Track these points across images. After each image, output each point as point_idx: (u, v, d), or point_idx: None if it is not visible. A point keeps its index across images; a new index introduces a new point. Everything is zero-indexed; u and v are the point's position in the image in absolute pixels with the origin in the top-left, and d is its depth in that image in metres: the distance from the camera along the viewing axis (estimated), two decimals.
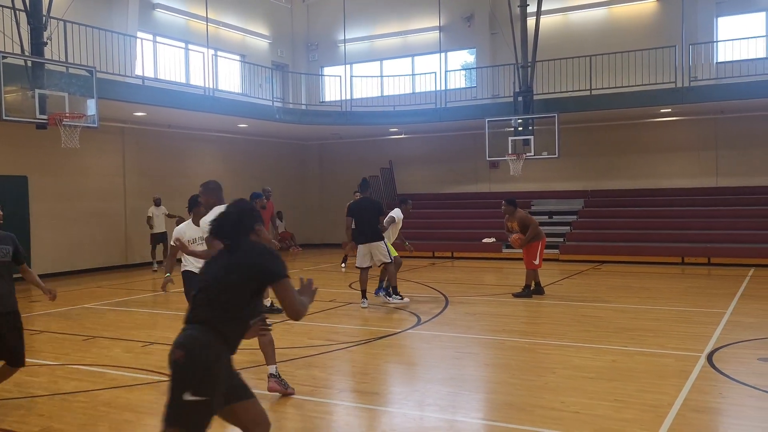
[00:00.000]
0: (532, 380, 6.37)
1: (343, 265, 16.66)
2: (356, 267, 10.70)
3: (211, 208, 6.25)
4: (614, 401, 5.64)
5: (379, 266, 10.75)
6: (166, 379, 6.45)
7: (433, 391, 6.24)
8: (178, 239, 6.77)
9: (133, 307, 11.32)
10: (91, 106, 12.27)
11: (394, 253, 10.86)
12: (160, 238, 16.44)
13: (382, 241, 10.46)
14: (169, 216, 16.50)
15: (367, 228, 10.40)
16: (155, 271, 16.40)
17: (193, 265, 6.98)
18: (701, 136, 18.74)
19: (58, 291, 6.28)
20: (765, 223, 16.50)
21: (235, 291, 3.51)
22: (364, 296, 10.63)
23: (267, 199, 13.46)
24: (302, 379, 6.54)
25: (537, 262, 11.26)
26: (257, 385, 6.34)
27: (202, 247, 6.66)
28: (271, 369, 5.95)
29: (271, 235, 12.56)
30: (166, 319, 10.13)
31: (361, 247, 10.51)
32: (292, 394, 5.93)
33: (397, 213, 11.13)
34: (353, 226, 10.60)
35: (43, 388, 6.33)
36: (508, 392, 6.04)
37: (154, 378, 6.61)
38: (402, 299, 10.66)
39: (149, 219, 16.42)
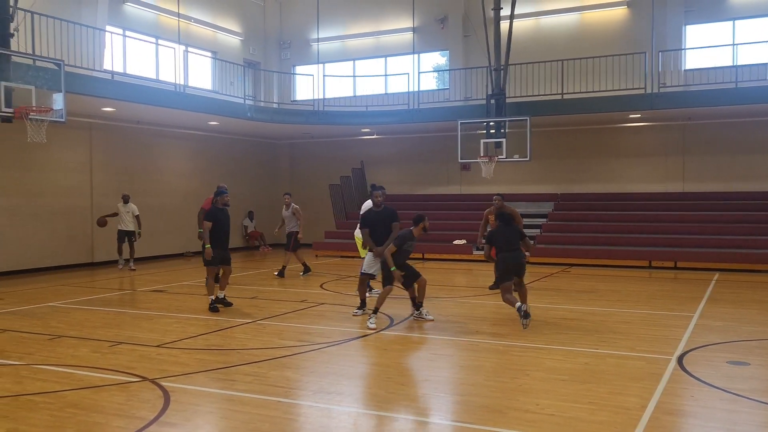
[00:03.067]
0: (506, 382, 6.38)
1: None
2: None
3: None
4: (588, 404, 5.67)
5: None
6: (135, 380, 6.35)
7: (407, 393, 6.21)
8: None
9: (99, 306, 11.09)
10: (59, 101, 11.97)
11: (363, 254, 10.49)
12: (126, 236, 16.24)
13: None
14: (135, 217, 16.26)
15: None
16: (121, 268, 16.15)
17: None
18: (669, 141, 19.06)
19: (23, 289, 6.12)
20: (730, 228, 16.83)
21: None
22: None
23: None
24: (275, 380, 6.46)
25: None
26: (227, 386, 6.25)
27: None
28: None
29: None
30: (132, 318, 9.93)
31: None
32: None
33: (366, 205, 10.93)
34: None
35: (6, 390, 6.15)
36: (483, 394, 6.03)
37: (122, 379, 6.47)
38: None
39: (114, 214, 16.21)
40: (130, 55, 17.99)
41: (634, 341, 8.15)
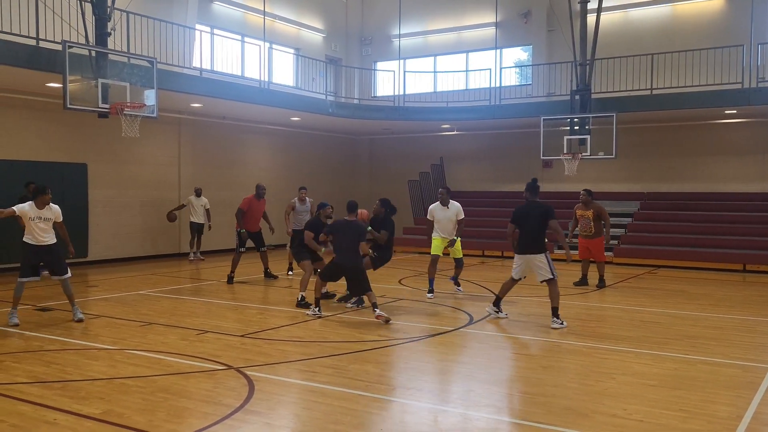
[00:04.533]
0: (591, 385, 6.19)
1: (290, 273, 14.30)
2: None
3: None
4: (679, 411, 5.43)
5: (541, 282, 9.24)
6: (221, 368, 6.52)
7: (489, 392, 6.12)
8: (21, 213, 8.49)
9: (186, 295, 11.48)
10: (151, 97, 12.46)
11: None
12: (196, 228, 16.78)
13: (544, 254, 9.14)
14: (206, 211, 16.79)
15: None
16: (192, 260, 16.66)
17: (31, 238, 8.54)
18: (767, 138, 18.06)
19: (115, 277, 6.37)
20: None
21: None
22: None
23: (261, 198, 13.28)
24: (355, 373, 6.50)
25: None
26: (311, 377, 6.33)
27: (42, 224, 8.51)
28: None
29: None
30: (218, 308, 10.22)
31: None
32: None
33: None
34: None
35: (102, 372, 6.44)
36: (568, 396, 5.87)
37: (209, 366, 6.66)
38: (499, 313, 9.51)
39: (182, 206, 16.85)
40: (217, 52, 18.53)
41: (727, 347, 7.76)
